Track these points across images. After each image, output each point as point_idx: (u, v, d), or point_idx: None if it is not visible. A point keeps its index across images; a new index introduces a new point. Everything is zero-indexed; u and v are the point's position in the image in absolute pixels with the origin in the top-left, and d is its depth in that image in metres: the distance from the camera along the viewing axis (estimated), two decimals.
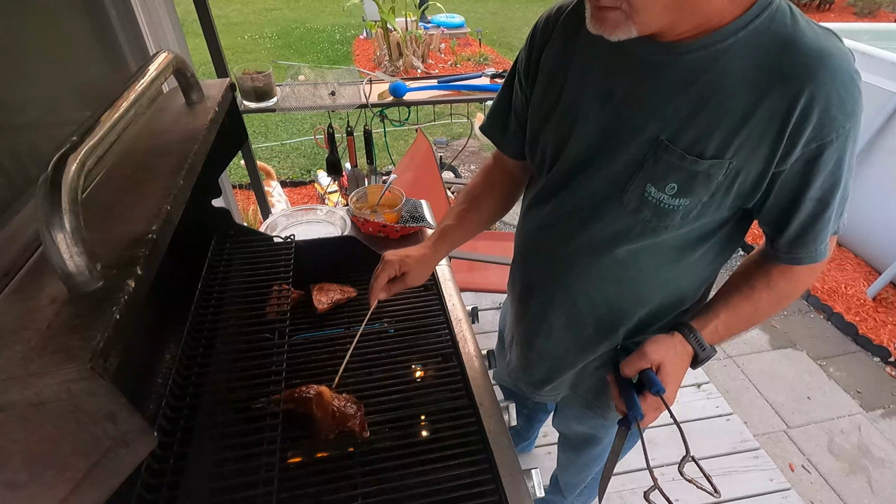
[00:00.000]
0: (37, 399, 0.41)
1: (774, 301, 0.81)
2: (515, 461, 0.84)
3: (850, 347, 2.47)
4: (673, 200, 0.72)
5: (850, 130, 0.65)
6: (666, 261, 0.81)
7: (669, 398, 0.80)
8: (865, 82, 2.80)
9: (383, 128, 2.64)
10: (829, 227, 0.72)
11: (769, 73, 0.63)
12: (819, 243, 0.74)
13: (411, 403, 0.94)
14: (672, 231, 0.76)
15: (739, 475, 1.86)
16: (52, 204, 0.45)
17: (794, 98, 0.62)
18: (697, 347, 0.81)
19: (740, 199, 0.72)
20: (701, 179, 0.69)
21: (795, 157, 0.66)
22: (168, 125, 0.82)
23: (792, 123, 0.63)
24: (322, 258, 1.23)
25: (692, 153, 0.69)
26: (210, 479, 0.75)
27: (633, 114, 0.73)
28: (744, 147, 0.67)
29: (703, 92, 0.67)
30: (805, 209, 0.71)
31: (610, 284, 0.86)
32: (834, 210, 0.71)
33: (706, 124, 0.67)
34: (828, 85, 0.61)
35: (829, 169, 0.67)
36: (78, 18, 1.01)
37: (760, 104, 0.64)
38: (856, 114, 0.64)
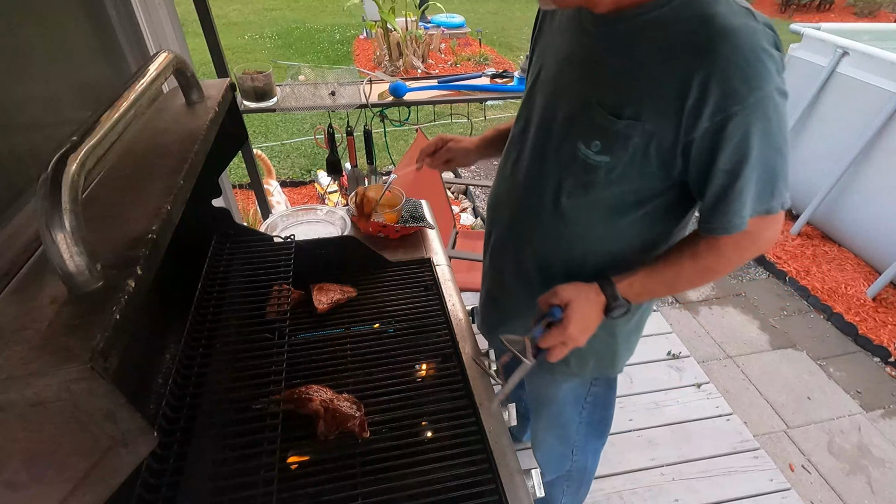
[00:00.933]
0: (37, 399, 0.41)
1: (698, 270, 0.85)
2: (515, 461, 0.84)
3: (850, 347, 2.47)
4: (597, 157, 0.80)
5: (756, 104, 0.68)
6: (599, 220, 0.87)
7: (573, 336, 0.84)
8: (865, 82, 2.80)
9: (383, 128, 2.64)
10: (742, 199, 0.75)
11: (680, 46, 0.69)
12: (733, 215, 0.76)
13: (411, 403, 0.94)
14: (601, 189, 0.83)
15: (739, 475, 1.86)
16: (53, 204, 0.45)
17: (694, 71, 0.68)
18: (610, 297, 0.86)
19: (660, 165, 0.77)
20: (620, 139, 0.77)
21: (703, 128, 0.70)
22: (168, 125, 0.82)
23: (692, 95, 0.68)
24: (322, 258, 1.23)
25: (613, 113, 0.76)
26: (210, 479, 0.75)
27: (573, 77, 0.83)
28: (655, 113, 0.73)
29: (627, 58, 0.75)
30: (717, 180, 0.75)
31: (549, 237, 0.93)
32: (747, 184, 0.73)
33: (627, 88, 0.75)
34: (728, 59, 0.66)
35: (736, 141, 0.70)
36: (78, 18, 1.01)
37: (670, 74, 0.70)
38: (761, 88, 0.67)
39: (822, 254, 3.04)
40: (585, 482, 1.47)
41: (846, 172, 2.83)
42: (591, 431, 1.28)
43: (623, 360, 1.09)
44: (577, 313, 0.84)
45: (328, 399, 0.88)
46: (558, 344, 0.85)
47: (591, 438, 1.30)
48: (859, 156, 2.76)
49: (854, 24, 6.22)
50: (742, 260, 0.84)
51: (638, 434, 2.01)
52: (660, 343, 2.42)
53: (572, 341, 0.85)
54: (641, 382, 2.22)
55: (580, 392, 1.17)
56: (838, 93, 2.91)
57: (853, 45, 2.79)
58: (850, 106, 2.84)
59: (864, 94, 2.74)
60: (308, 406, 0.86)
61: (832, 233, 3.13)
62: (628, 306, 0.87)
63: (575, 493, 1.48)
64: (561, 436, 1.29)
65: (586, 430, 1.26)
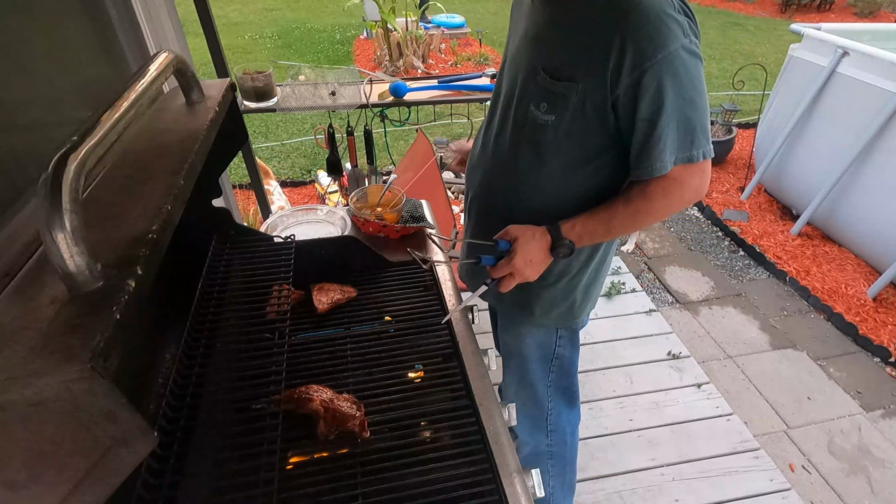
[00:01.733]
0: (37, 399, 0.41)
1: (630, 213, 0.95)
2: (515, 461, 0.84)
3: (850, 348, 2.47)
4: (544, 116, 0.94)
5: (664, 60, 0.81)
6: (553, 175, 1.00)
7: (519, 267, 0.97)
8: (865, 82, 2.80)
9: (383, 128, 2.64)
10: (661, 146, 0.87)
11: (601, 17, 0.84)
12: (654, 160, 0.88)
13: (411, 403, 0.94)
14: (551, 145, 0.96)
15: (739, 475, 1.86)
16: (53, 204, 0.45)
17: (612, 36, 0.82)
18: (554, 237, 0.98)
19: (598, 121, 0.90)
20: (560, 98, 0.91)
21: (625, 84, 0.84)
22: (168, 125, 0.82)
23: (613, 56, 0.83)
24: (322, 258, 1.23)
25: (554, 76, 0.91)
26: (210, 479, 0.75)
27: (527, 50, 0.97)
28: (587, 74, 0.87)
29: (564, 30, 0.90)
30: (639, 129, 0.87)
31: (512, 192, 1.07)
32: (664, 131, 0.85)
33: (564, 54, 0.90)
34: (636, 23, 0.80)
35: (651, 93, 0.83)
36: (78, 18, 1.01)
37: (595, 40, 0.85)
38: (666, 46, 0.80)
39: (822, 254, 3.04)
40: (569, 461, 1.47)
41: (846, 172, 2.83)
42: (560, 397, 1.34)
43: (584, 311, 1.22)
44: (523, 247, 0.97)
45: (328, 399, 0.88)
46: (507, 275, 0.98)
47: (561, 406, 1.36)
48: (859, 156, 2.76)
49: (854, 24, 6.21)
50: (669, 205, 0.95)
51: (638, 434, 2.01)
52: (660, 343, 2.42)
53: (518, 273, 0.97)
54: (642, 382, 2.22)
55: (546, 350, 1.26)
56: (838, 93, 2.91)
57: (853, 45, 2.79)
58: (850, 106, 2.84)
59: (864, 94, 2.74)
60: (308, 406, 0.86)
61: (832, 233, 3.13)
62: (572, 247, 0.98)
63: (561, 473, 1.47)
64: (532, 397, 1.33)
65: (554, 394, 1.32)
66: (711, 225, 3.43)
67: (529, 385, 1.32)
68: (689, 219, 3.53)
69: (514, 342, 1.30)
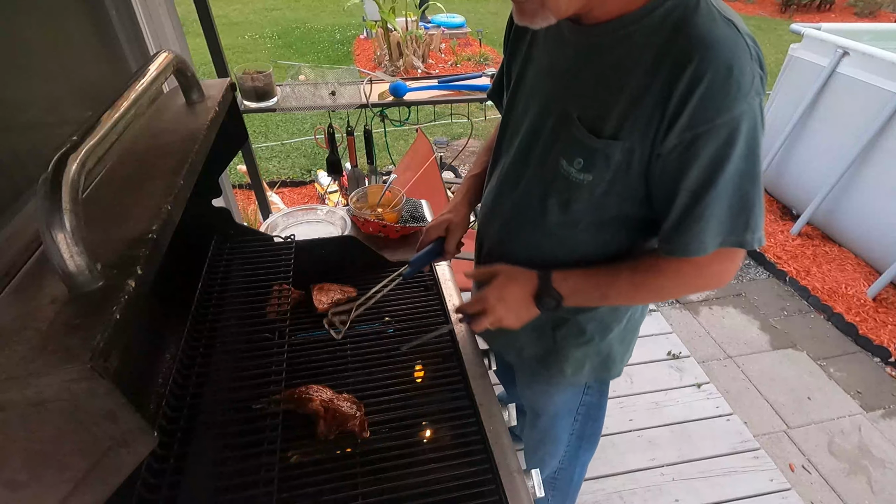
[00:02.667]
0: (37, 399, 0.41)
1: (635, 284, 0.83)
2: (515, 461, 0.84)
3: (850, 348, 2.47)
4: (579, 175, 0.77)
5: (726, 126, 0.64)
6: (583, 232, 0.85)
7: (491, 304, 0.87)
8: (865, 82, 2.80)
9: (383, 128, 2.64)
10: (703, 224, 0.71)
11: (659, 58, 0.66)
12: (692, 239, 0.72)
13: (411, 403, 0.94)
14: (585, 203, 0.80)
15: (739, 475, 1.86)
16: (53, 204, 0.45)
17: (672, 86, 0.64)
18: (542, 285, 0.87)
19: (643, 180, 0.74)
20: (600, 157, 0.74)
21: (673, 143, 0.67)
22: (168, 125, 0.82)
23: (671, 107, 0.65)
24: (322, 258, 1.23)
25: (593, 131, 0.73)
26: (210, 479, 0.75)
27: (555, 89, 0.80)
28: (635, 129, 0.69)
29: (606, 72, 0.72)
30: (680, 200, 0.71)
31: (536, 251, 0.92)
32: (711, 208, 0.70)
33: (606, 104, 0.72)
34: (702, 76, 0.62)
35: (703, 163, 0.67)
36: (78, 18, 1.01)
37: (649, 88, 0.67)
38: (732, 109, 0.63)
39: (822, 254, 3.04)
40: (570, 496, 1.45)
41: (846, 172, 2.83)
42: (582, 444, 1.28)
43: (621, 362, 1.08)
44: (499, 284, 0.88)
45: (328, 399, 0.88)
46: (479, 311, 0.88)
47: (581, 451, 1.30)
48: (859, 156, 2.76)
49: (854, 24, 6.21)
50: (679, 288, 0.82)
51: (638, 434, 2.01)
52: (660, 343, 2.42)
53: (489, 310, 0.87)
54: (641, 382, 2.22)
55: (572, 404, 1.16)
56: (838, 93, 2.91)
57: (853, 45, 2.79)
58: (850, 106, 2.84)
59: (864, 94, 2.74)
60: (308, 406, 0.86)
61: (832, 233, 3.13)
62: (559, 300, 0.85)
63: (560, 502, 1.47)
64: (552, 451, 1.29)
65: (577, 442, 1.26)
66: None
67: (553, 439, 1.26)
68: None
69: (541, 400, 1.19)
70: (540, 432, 1.26)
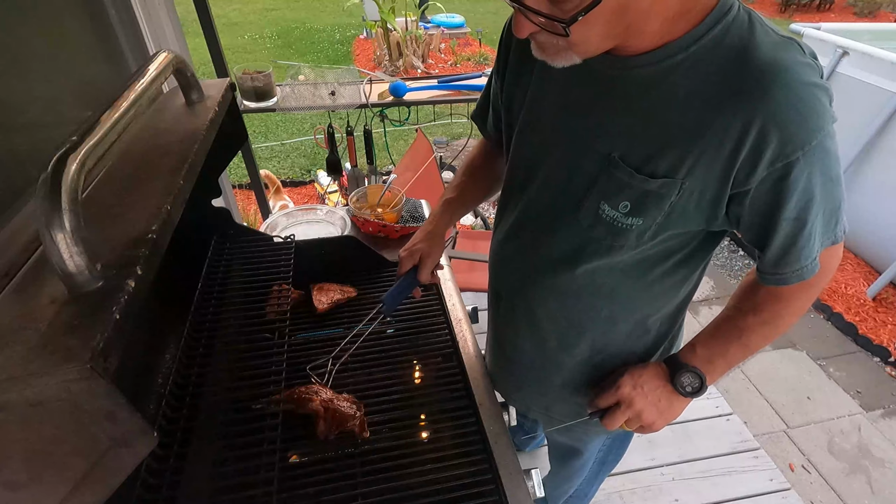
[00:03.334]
0: (37, 399, 0.41)
1: (766, 320, 0.77)
2: (515, 461, 0.84)
3: (850, 347, 2.47)
4: (626, 219, 0.70)
5: (818, 145, 0.60)
6: (626, 278, 0.79)
7: (627, 397, 0.81)
8: (865, 82, 2.80)
9: (383, 128, 2.64)
10: (811, 243, 0.68)
11: (721, 90, 0.60)
12: (804, 260, 0.69)
13: (411, 403, 0.94)
14: (629, 251, 0.74)
15: (739, 475, 1.86)
16: (52, 204, 0.45)
17: (749, 117, 0.59)
18: (671, 364, 0.82)
19: (702, 219, 0.69)
20: (653, 199, 0.67)
21: (760, 177, 0.62)
22: (168, 125, 0.82)
23: (749, 144, 0.60)
24: (322, 258, 1.23)
25: (642, 171, 0.66)
26: (210, 479, 0.75)
27: (586, 126, 0.71)
28: (697, 166, 0.64)
29: (653, 108, 0.65)
30: (783, 230, 0.67)
31: (568, 299, 0.84)
32: (814, 226, 0.67)
33: (657, 141, 0.65)
34: (784, 102, 0.57)
35: (801, 187, 0.62)
36: (78, 18, 1.01)
37: (713, 122, 0.61)
38: (822, 128, 0.59)
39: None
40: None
41: (846, 172, 2.83)
42: (603, 468, 1.26)
43: None
44: (634, 375, 0.82)
45: (328, 399, 0.88)
46: (613, 406, 0.83)
47: (601, 475, 1.29)
48: (859, 156, 2.76)
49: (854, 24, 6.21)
50: (811, 299, 0.76)
51: (638, 434, 2.01)
52: None
53: (628, 403, 0.81)
54: None
55: (603, 437, 1.12)
56: (838, 93, 2.87)
57: (853, 45, 2.79)
58: (850, 106, 2.84)
59: (864, 94, 2.74)
60: (308, 406, 0.86)
61: None
62: (698, 373, 0.79)
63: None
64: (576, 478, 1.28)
65: (598, 467, 1.24)
66: None
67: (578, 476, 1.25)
68: None
69: (562, 440, 1.14)
70: (572, 470, 1.24)
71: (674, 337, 0.93)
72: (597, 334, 0.87)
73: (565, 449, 1.20)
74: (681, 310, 0.89)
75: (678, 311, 0.88)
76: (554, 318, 0.87)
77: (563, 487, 1.33)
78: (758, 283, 0.77)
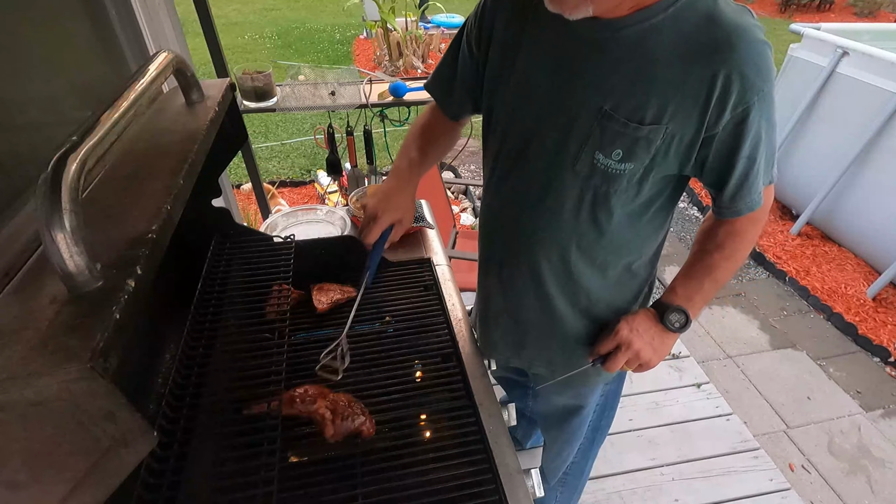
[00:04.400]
0: (37, 399, 0.41)
1: (728, 256, 0.89)
2: (515, 461, 0.84)
3: (850, 347, 2.47)
4: (619, 165, 0.80)
5: (767, 93, 0.73)
6: (620, 226, 0.88)
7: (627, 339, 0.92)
8: (865, 82, 2.81)
9: (383, 128, 2.64)
10: (758, 179, 0.81)
11: (696, 46, 0.71)
12: (753, 193, 0.82)
13: (411, 403, 0.94)
14: (621, 196, 0.83)
15: (739, 475, 1.87)
16: (52, 204, 0.45)
17: (718, 68, 0.70)
18: (658, 306, 0.94)
19: (678, 163, 0.80)
20: (642, 144, 0.77)
21: (725, 120, 0.74)
22: (168, 125, 0.82)
23: (717, 91, 0.71)
24: (322, 258, 1.23)
25: (633, 120, 0.76)
26: (210, 479, 0.75)
27: (579, 87, 0.79)
28: (678, 113, 0.74)
29: (639, 64, 0.74)
30: (739, 167, 0.79)
31: (570, 251, 0.92)
32: (760, 164, 0.79)
33: (643, 93, 0.75)
34: (746, 55, 0.70)
35: (755, 129, 0.75)
36: (78, 18, 1.01)
37: (689, 74, 0.72)
38: (770, 78, 0.73)
39: (822, 254, 3.04)
40: (578, 489, 1.46)
41: (846, 172, 2.83)
42: (597, 436, 1.29)
43: None
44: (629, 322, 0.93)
45: (331, 401, 0.87)
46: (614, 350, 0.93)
47: (595, 444, 1.31)
48: (859, 156, 2.76)
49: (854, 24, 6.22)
50: (757, 233, 0.89)
51: (638, 434, 2.01)
52: None
53: (627, 345, 0.92)
54: (641, 382, 2.22)
55: (597, 395, 1.17)
56: (838, 93, 2.91)
57: (853, 45, 2.79)
58: (850, 106, 2.84)
59: (864, 94, 2.74)
60: (314, 412, 0.86)
61: (832, 233, 3.13)
62: (683, 311, 0.91)
63: (568, 499, 1.47)
64: (573, 448, 1.30)
65: (592, 434, 1.27)
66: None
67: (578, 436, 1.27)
68: (689, 219, 3.53)
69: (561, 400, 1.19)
70: (572, 429, 1.26)
71: (652, 282, 1.05)
72: (592, 282, 0.95)
73: (563, 410, 1.23)
74: (657, 255, 0.99)
75: (655, 256, 0.99)
76: (557, 273, 0.95)
77: (563, 454, 1.34)
78: (715, 226, 0.90)
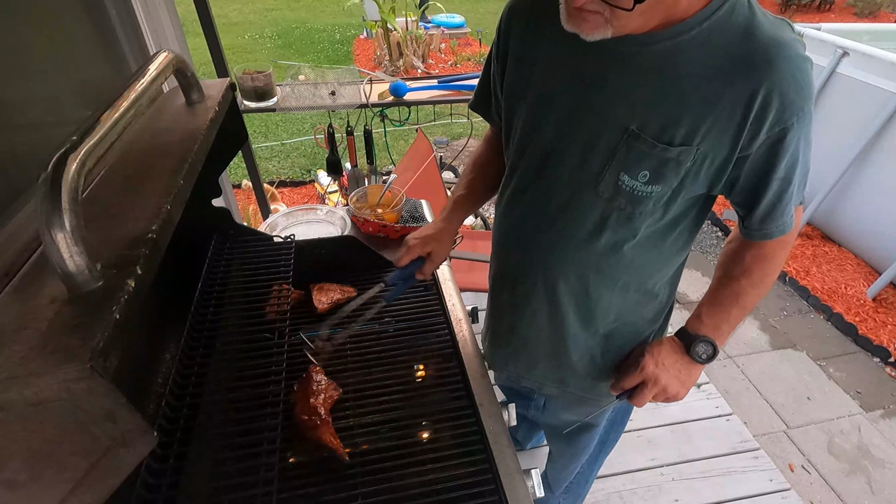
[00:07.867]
0: (37, 398, 0.41)
1: (756, 282, 0.85)
2: (515, 461, 0.84)
3: (850, 348, 2.47)
4: (646, 188, 0.75)
5: (808, 111, 0.69)
6: (642, 248, 0.84)
7: (652, 375, 0.88)
8: (865, 82, 2.80)
9: (383, 128, 2.64)
10: (792, 200, 0.77)
11: (732, 62, 0.66)
12: (786, 216, 0.78)
13: (411, 403, 0.94)
14: (646, 218, 0.79)
15: (739, 475, 1.86)
16: (52, 203, 0.45)
17: (757, 86, 0.65)
18: (683, 336, 0.89)
19: (708, 184, 0.76)
20: (671, 166, 0.72)
21: (760, 141, 0.69)
22: (168, 125, 0.82)
23: (755, 109, 0.67)
24: (322, 258, 1.23)
25: (662, 141, 0.71)
26: (210, 479, 0.75)
27: (603, 103, 0.74)
28: (710, 133, 0.69)
29: (669, 81, 0.70)
30: (772, 188, 0.75)
31: (590, 271, 0.87)
32: (795, 185, 0.76)
33: (673, 112, 0.70)
34: (786, 72, 0.65)
35: (792, 149, 0.71)
36: (78, 18, 1.01)
37: (725, 92, 0.67)
38: (811, 95, 0.68)
39: (822, 254, 3.04)
40: (582, 496, 1.46)
41: (846, 173, 2.83)
42: (604, 449, 1.28)
43: None
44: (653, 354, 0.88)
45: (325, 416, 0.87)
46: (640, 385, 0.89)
47: (601, 456, 1.30)
48: (859, 156, 2.76)
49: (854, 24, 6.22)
50: (786, 256, 0.85)
51: (638, 434, 2.01)
52: None
53: (653, 380, 0.88)
54: None
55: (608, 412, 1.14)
56: (838, 93, 2.91)
57: (853, 45, 2.79)
58: (850, 106, 2.84)
59: (864, 94, 2.74)
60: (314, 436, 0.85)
61: (832, 233, 3.13)
62: (710, 342, 0.86)
63: (574, 498, 1.48)
64: (583, 454, 1.29)
65: (599, 448, 1.26)
66: (711, 225, 3.43)
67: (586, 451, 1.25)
68: None
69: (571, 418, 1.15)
70: (581, 446, 1.24)
71: (672, 301, 0.99)
72: (612, 304, 0.91)
73: (573, 427, 1.19)
74: (678, 273, 0.95)
75: (676, 274, 0.94)
76: (574, 293, 0.90)
77: (570, 467, 1.33)
78: (742, 248, 0.85)
